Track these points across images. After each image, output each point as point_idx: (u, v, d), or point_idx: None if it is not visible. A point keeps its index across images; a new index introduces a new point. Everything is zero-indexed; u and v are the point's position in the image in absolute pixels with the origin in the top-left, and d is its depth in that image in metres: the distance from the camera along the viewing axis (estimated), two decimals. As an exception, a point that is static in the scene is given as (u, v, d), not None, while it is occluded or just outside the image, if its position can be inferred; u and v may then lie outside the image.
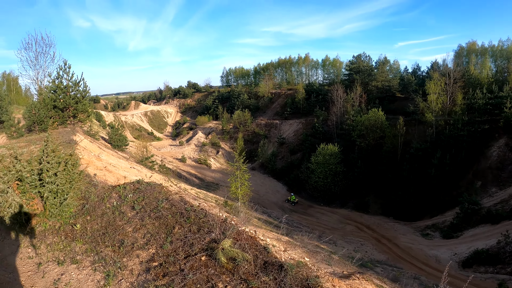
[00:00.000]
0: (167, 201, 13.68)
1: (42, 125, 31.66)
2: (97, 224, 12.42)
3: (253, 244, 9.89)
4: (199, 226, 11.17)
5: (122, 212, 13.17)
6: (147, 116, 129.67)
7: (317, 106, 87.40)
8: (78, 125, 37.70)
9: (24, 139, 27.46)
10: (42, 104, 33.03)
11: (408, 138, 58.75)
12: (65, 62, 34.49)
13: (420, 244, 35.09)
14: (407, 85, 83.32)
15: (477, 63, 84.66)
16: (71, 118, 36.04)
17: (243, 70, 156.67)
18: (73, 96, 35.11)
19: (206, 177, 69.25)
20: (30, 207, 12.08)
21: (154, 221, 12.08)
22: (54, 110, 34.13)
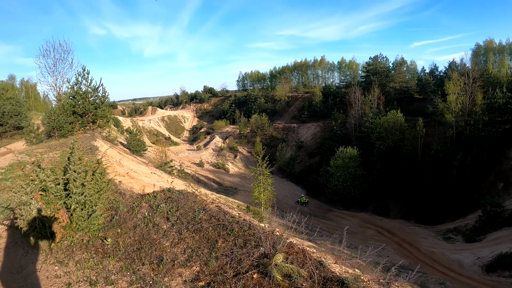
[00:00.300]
0: (204, 211, 12.85)
1: (62, 131, 31.95)
2: (130, 238, 11.44)
3: (305, 257, 9.03)
4: (244, 239, 10.24)
5: (156, 224, 12.31)
6: (164, 121, 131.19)
7: (334, 109, 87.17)
8: (97, 130, 38.26)
9: (43, 145, 27.66)
10: (61, 110, 33.31)
11: (428, 139, 58.32)
12: (83, 68, 34.82)
13: (442, 248, 34.89)
14: (425, 86, 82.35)
15: (495, 62, 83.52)
16: (90, 123, 36.37)
17: (259, 74, 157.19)
18: (92, 101, 35.40)
19: (224, 181, 69.76)
20: (55, 219, 11.11)
21: (193, 234, 11.09)
22: (74, 116, 34.39)
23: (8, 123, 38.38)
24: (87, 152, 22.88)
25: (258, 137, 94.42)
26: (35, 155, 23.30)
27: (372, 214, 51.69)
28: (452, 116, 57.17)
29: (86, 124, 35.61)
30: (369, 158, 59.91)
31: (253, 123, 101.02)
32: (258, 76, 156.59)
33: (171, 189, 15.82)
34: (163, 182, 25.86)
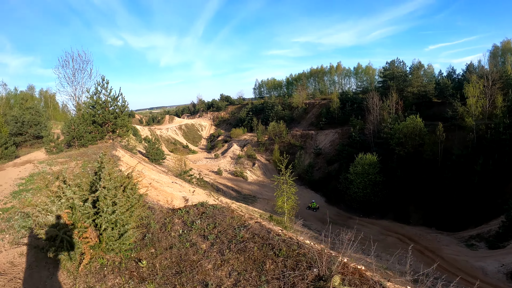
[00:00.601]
0: (245, 229, 11.90)
1: (82, 140, 32.31)
2: (167, 260, 10.39)
3: (362, 278, 8.32)
4: (295, 260, 9.31)
5: (193, 243, 11.29)
6: (181, 130, 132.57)
7: (352, 115, 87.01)
8: (117, 140, 38.41)
9: (63, 155, 27.83)
10: (81, 120, 33.73)
11: (448, 144, 57.83)
12: (103, 77, 35.23)
13: (465, 256, 34.60)
14: (444, 90, 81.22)
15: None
16: (110, 133, 36.66)
17: (275, 81, 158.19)
18: (112, 111, 35.66)
19: (243, 189, 70.25)
20: (83, 239, 10.24)
21: (237, 255, 10.07)
22: (93, 125, 34.81)
23: (27, 133, 39.25)
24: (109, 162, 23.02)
25: (276, 145, 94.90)
26: (55, 165, 23.64)
27: (392, 221, 51.36)
28: (472, 119, 56.67)
29: (105, 134, 35.96)
30: (388, 164, 59.63)
31: (271, 130, 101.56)
32: (275, 83, 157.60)
33: (204, 203, 15.34)
34: (185, 192, 25.77)
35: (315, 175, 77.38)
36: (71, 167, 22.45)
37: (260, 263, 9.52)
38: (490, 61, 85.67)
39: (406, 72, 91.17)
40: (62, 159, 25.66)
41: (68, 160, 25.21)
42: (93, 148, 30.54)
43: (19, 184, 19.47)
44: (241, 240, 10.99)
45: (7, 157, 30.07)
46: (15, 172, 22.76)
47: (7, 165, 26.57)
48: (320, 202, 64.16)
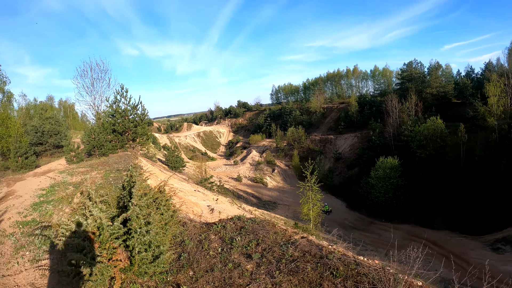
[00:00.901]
0: (293, 246, 10.74)
1: (102, 149, 32.41)
2: (209, 284, 9.09)
3: None
4: (355, 280, 8.36)
5: (237, 263, 10.03)
6: (200, 137, 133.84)
7: (371, 119, 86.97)
8: (138, 148, 38.17)
9: (84, 164, 28.15)
10: (101, 129, 33.93)
11: (470, 145, 56.99)
12: (122, 86, 35.46)
13: (491, 260, 34.18)
14: (463, 90, 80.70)
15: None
16: (130, 141, 36.82)
17: (292, 86, 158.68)
18: (132, 119, 36.04)
19: (263, 196, 70.46)
20: (113, 262, 9.30)
21: (289, 277, 8.86)
22: (114, 134, 35.08)
23: (48, 142, 39.74)
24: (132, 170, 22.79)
25: (296, 150, 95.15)
26: (76, 175, 23.76)
27: (415, 226, 50.77)
28: (494, 119, 55.91)
29: (125, 142, 36.17)
30: (410, 167, 59.13)
31: (289, 136, 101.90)
32: (291, 88, 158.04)
33: (241, 217, 14.48)
34: (209, 200, 25.94)
35: (335, 180, 77.19)
36: (93, 177, 22.59)
37: (317, 285, 8.41)
38: (509, 58, 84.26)
39: (424, 73, 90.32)
40: (82, 168, 25.90)
41: (89, 169, 25.33)
42: (113, 157, 31.11)
43: (39, 195, 19.46)
44: (291, 259, 9.86)
45: (28, 167, 30.48)
46: (36, 182, 22.94)
47: (28, 175, 26.82)
48: (341, 208, 64.02)
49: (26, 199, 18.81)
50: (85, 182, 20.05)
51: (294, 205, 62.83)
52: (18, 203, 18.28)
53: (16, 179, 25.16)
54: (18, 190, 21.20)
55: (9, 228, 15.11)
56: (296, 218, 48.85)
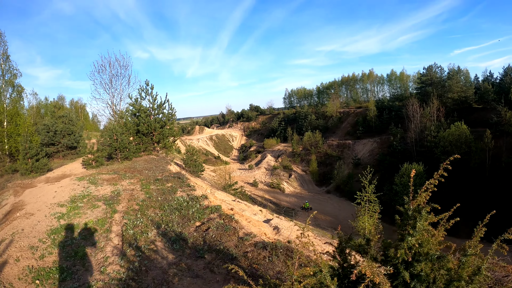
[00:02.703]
0: None
1: (125, 152, 29.46)
2: None
3: None
4: None
5: None
6: (212, 140, 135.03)
7: (392, 123, 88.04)
8: (164, 151, 35.71)
9: (106, 169, 25.01)
10: (123, 129, 31.17)
11: (495, 151, 57.81)
12: (147, 82, 33.49)
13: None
14: (484, 95, 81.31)
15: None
16: (155, 143, 34.34)
17: (305, 90, 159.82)
18: (158, 119, 33.89)
19: (281, 202, 71.03)
20: None
21: None
22: (137, 135, 32.63)
23: (60, 143, 36.27)
24: (175, 182, 20.16)
25: (313, 155, 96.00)
26: (101, 184, 19.83)
27: (441, 234, 51.33)
28: (521, 125, 56.48)
29: (150, 144, 33.73)
30: (433, 174, 59.35)
31: (306, 141, 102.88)
32: (305, 92, 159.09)
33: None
34: (259, 214, 20.73)
35: (355, 187, 77.50)
36: (127, 189, 18.76)
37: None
38: None
39: (445, 78, 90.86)
40: (106, 175, 22.40)
41: (115, 177, 21.69)
42: (139, 162, 28.31)
43: (57, 215, 14.66)
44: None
45: (39, 170, 26.92)
46: (50, 192, 18.79)
47: (39, 180, 23.85)
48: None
49: (40, 220, 14.28)
50: (120, 196, 17.07)
51: (313, 211, 63.65)
52: (28, 226, 13.61)
53: (26, 185, 22.17)
54: (28, 203, 17.05)
55: (18, 281, 9.93)
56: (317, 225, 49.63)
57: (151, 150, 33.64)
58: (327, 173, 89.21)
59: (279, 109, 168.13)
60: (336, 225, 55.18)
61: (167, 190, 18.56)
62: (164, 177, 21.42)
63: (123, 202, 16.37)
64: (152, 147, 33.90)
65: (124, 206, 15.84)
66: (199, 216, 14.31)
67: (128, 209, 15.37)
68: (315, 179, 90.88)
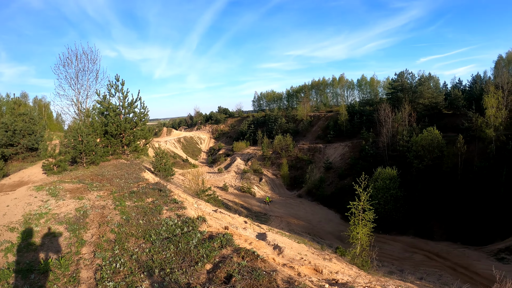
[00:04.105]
0: None
1: (91, 155, 26.45)
2: None
3: None
4: None
5: None
6: (180, 143, 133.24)
7: (363, 128, 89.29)
8: (134, 155, 32.93)
9: (69, 176, 21.96)
10: (89, 129, 28.22)
11: (466, 156, 58.94)
12: (117, 77, 31.40)
13: (499, 270, 35.27)
14: (454, 101, 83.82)
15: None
16: (125, 146, 32.00)
17: (274, 93, 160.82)
18: (129, 119, 31.79)
19: (252, 206, 70.39)
20: None
21: None
22: (105, 137, 30.33)
23: (20, 143, 32.68)
24: (156, 196, 16.88)
25: (284, 159, 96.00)
26: (63, 197, 16.41)
27: (415, 237, 52.00)
28: (492, 131, 58.16)
29: (119, 147, 31.41)
30: (406, 178, 60.51)
31: (276, 144, 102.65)
32: (274, 95, 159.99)
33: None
34: (248, 228, 20.67)
35: (326, 190, 77.90)
36: (97, 206, 15.27)
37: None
38: (495, 71, 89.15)
39: (416, 84, 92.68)
40: (69, 183, 19.26)
41: (81, 187, 18.36)
42: (107, 167, 25.69)
43: (6, 245, 11.09)
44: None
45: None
46: (1, 205, 15.26)
47: None
48: (335, 219, 64.58)
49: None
50: (88, 217, 13.71)
51: (286, 216, 63.27)
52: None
53: (-27, 195, 18.19)
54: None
55: None
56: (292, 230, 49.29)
57: (120, 153, 31.42)
58: (298, 177, 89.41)
59: (248, 112, 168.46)
60: (310, 230, 55.21)
61: (149, 208, 14.81)
62: (141, 189, 18.18)
63: (92, 227, 12.79)
64: (121, 150, 31.67)
65: (95, 234, 12.13)
66: (207, 253, 9.78)
67: (100, 239, 11.60)
68: (286, 183, 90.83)
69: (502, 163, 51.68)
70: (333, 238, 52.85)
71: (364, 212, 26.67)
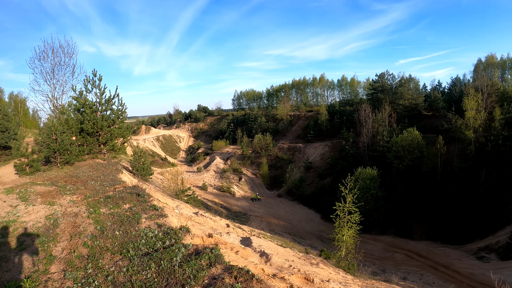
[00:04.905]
0: None
1: (66, 155, 25.30)
2: None
3: None
4: None
5: None
6: (159, 141, 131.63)
7: (343, 128, 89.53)
8: (111, 154, 31.98)
9: (42, 177, 20.73)
10: (64, 127, 27.19)
11: (446, 157, 60.03)
12: (94, 72, 30.35)
13: (480, 269, 35.68)
14: (434, 102, 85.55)
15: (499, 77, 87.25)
16: (102, 145, 31.14)
17: (254, 92, 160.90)
18: (106, 116, 30.87)
19: (232, 206, 69.77)
20: None
21: None
22: (81, 135, 29.21)
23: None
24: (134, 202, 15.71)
25: (264, 158, 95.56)
26: (33, 202, 15.20)
27: (395, 237, 52.34)
28: (472, 132, 59.02)
29: (96, 146, 30.59)
30: (386, 178, 60.89)
31: (256, 143, 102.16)
32: (254, 94, 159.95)
33: None
34: (231, 232, 19.29)
35: (306, 190, 77.82)
36: (69, 213, 13.99)
37: None
38: (474, 74, 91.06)
39: (397, 85, 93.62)
40: (41, 186, 18.13)
41: (53, 190, 17.20)
42: (82, 168, 24.60)
43: None
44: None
45: None
46: None
47: None
48: (315, 219, 64.54)
49: None
50: (59, 227, 12.40)
51: (266, 216, 62.82)
52: None
53: None
54: None
55: None
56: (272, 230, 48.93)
57: (97, 152, 30.44)
58: (278, 176, 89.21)
59: (227, 111, 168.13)
60: (291, 230, 54.88)
61: (126, 216, 13.61)
62: (118, 193, 16.95)
63: (63, 239, 11.48)
64: (97, 149, 30.77)
65: (66, 248, 10.83)
66: (194, 273, 8.69)
67: (71, 255, 10.34)
68: (266, 183, 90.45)
69: (481, 164, 52.59)
70: (314, 238, 52.67)
71: (349, 214, 25.38)
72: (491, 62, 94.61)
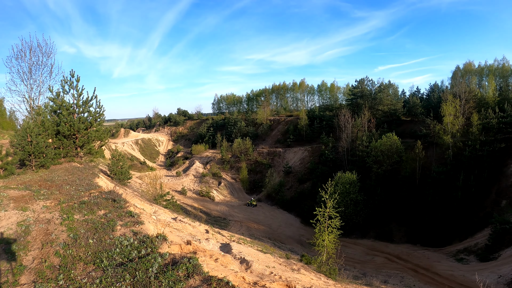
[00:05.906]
0: None
1: (42, 158, 24.63)
2: None
3: None
4: None
5: None
6: (138, 145, 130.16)
7: (323, 133, 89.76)
8: (88, 158, 31.59)
9: (16, 181, 19.97)
10: (40, 129, 26.51)
11: (424, 161, 60.59)
12: (72, 73, 29.74)
13: (460, 270, 35.97)
14: (412, 108, 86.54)
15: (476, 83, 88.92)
16: (79, 148, 30.36)
17: (234, 96, 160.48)
18: (83, 119, 30.15)
19: (211, 211, 69.10)
20: None
21: None
22: (57, 137, 28.59)
23: None
24: (109, 208, 15.18)
25: (244, 163, 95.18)
26: (5, 207, 14.22)
27: (375, 240, 52.56)
28: (450, 137, 59.74)
29: (72, 149, 29.83)
30: (366, 182, 61.20)
31: (236, 147, 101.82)
32: (234, 98, 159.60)
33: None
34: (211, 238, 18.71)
35: (286, 195, 77.66)
36: (41, 219, 13.22)
37: None
38: (452, 81, 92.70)
39: (376, 90, 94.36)
40: (15, 190, 17.34)
41: (26, 195, 16.37)
42: (58, 171, 23.94)
43: None
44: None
45: None
46: None
47: None
48: (295, 223, 64.41)
49: None
50: (30, 235, 11.61)
51: (246, 221, 62.33)
52: None
53: None
54: None
55: None
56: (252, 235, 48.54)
57: (73, 156, 29.70)
58: (258, 181, 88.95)
59: (207, 115, 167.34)
60: (271, 235, 54.50)
61: (100, 223, 12.98)
62: (93, 199, 16.37)
63: (34, 248, 10.77)
64: (74, 153, 30.26)
65: (37, 258, 10.16)
66: (171, 285, 8.14)
67: (42, 265, 9.64)
68: (245, 187, 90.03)
69: (459, 168, 53.37)
70: (294, 242, 52.46)
71: (330, 219, 25.10)
72: (469, 69, 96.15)
